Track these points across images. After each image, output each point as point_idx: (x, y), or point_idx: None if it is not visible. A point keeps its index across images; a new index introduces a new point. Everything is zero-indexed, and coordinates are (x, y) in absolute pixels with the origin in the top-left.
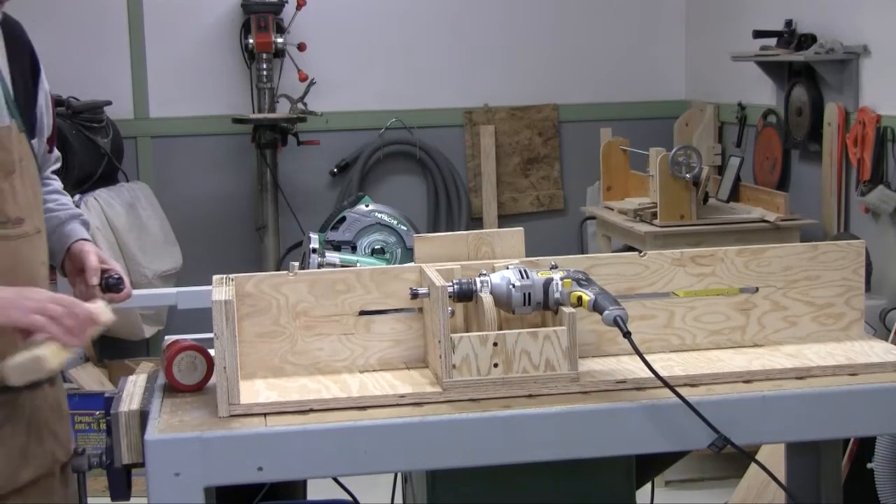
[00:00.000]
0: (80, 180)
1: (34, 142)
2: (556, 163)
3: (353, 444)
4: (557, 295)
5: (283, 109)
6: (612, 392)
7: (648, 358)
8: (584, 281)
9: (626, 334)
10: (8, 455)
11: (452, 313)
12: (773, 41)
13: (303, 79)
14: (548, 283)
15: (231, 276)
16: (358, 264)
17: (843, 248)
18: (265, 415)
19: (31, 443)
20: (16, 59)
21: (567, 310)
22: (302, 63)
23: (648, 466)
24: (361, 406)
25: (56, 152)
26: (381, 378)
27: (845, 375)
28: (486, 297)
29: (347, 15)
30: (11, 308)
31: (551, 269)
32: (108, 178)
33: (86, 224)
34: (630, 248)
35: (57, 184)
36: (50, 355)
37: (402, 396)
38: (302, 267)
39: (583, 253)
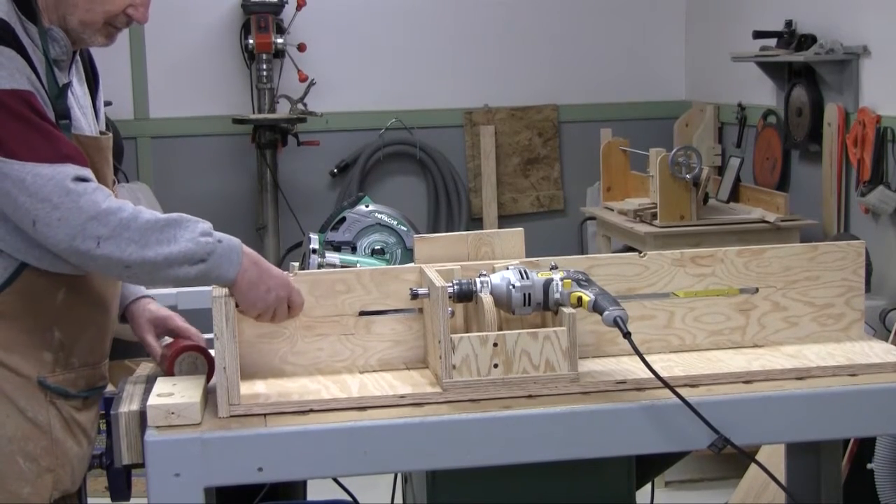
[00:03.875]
0: None
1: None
2: (556, 163)
3: (353, 444)
4: (557, 295)
5: (283, 110)
6: (612, 392)
7: (648, 358)
8: (584, 281)
9: (626, 335)
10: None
11: (452, 314)
12: (773, 41)
13: (303, 79)
14: (548, 283)
15: None
16: (358, 265)
17: (843, 248)
18: (265, 415)
19: None
20: (84, 68)
21: (567, 310)
22: (302, 63)
23: (648, 466)
24: (361, 406)
25: None
26: (381, 378)
27: (845, 376)
28: (486, 298)
29: (347, 15)
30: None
31: (551, 269)
32: None
33: None
34: (630, 249)
35: None
36: None
37: (402, 397)
38: (302, 267)
39: (583, 253)
